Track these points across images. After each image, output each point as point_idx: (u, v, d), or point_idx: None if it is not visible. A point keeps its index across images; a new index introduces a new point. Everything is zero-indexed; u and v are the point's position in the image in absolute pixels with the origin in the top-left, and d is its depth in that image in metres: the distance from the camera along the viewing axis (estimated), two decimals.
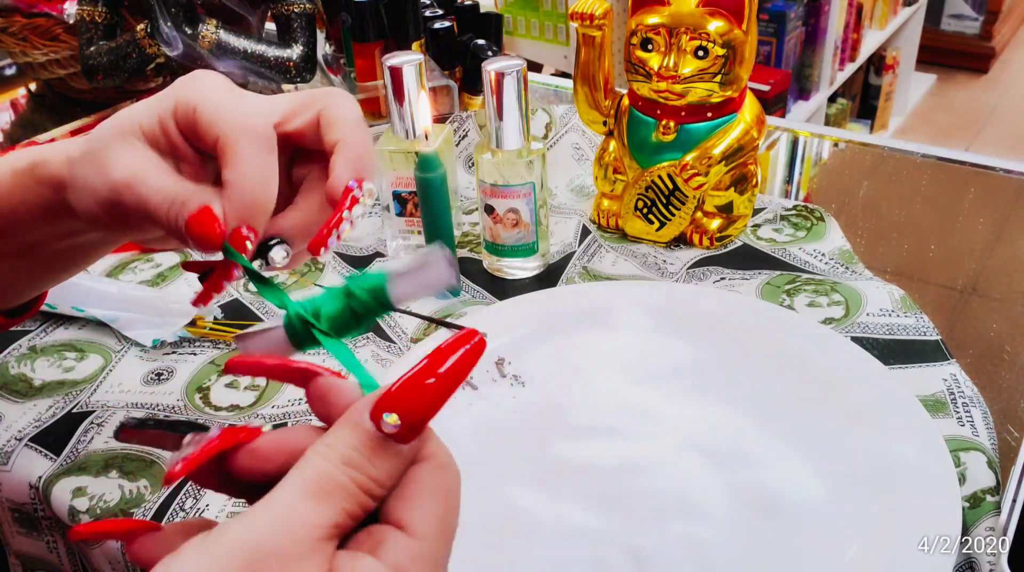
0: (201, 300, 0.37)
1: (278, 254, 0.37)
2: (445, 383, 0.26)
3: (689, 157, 0.66)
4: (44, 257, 0.45)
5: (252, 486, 0.29)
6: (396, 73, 0.66)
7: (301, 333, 0.33)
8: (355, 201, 0.36)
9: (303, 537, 0.25)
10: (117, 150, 0.37)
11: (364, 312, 0.32)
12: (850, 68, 2.36)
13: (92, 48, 0.82)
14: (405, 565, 0.26)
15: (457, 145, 0.81)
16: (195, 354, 0.62)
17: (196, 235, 0.35)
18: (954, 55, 3.19)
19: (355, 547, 0.27)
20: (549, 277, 0.69)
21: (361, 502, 0.26)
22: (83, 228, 0.42)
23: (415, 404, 0.26)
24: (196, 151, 0.38)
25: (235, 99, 0.37)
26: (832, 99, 2.44)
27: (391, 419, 0.25)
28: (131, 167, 0.37)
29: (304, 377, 0.29)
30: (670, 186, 0.68)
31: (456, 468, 0.29)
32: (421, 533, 0.27)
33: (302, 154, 0.41)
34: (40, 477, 0.53)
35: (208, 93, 0.37)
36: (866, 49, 2.43)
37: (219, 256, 0.36)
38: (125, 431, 0.32)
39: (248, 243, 0.35)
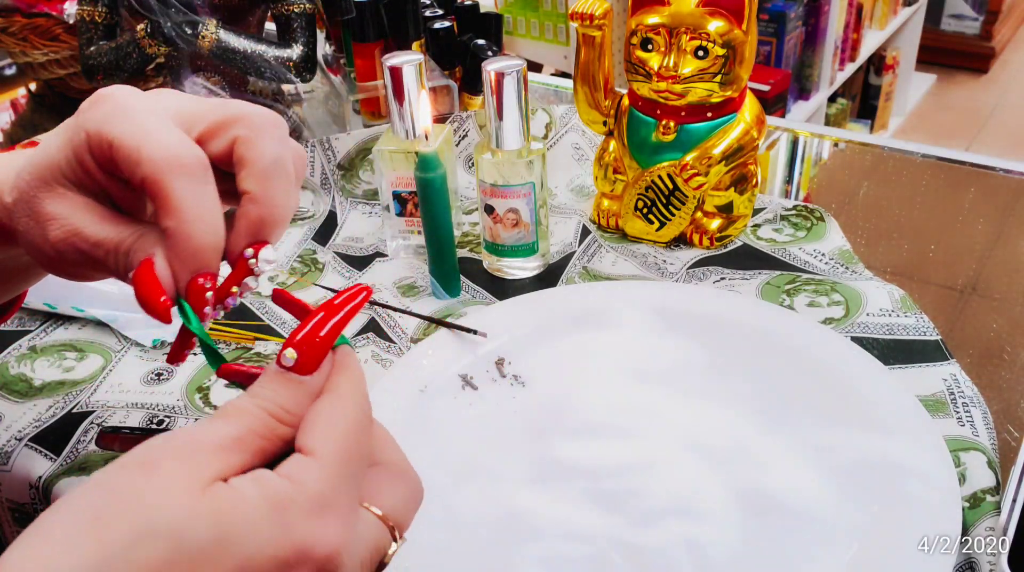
0: (172, 359, 0.35)
1: (266, 262, 0.34)
2: (333, 326, 0.31)
3: (689, 157, 0.66)
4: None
5: None
6: (396, 73, 0.66)
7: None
8: (248, 272, 0.34)
9: (198, 441, 0.28)
10: (48, 204, 0.34)
11: None
12: (850, 68, 2.36)
13: (92, 48, 0.82)
14: (299, 477, 0.28)
15: (457, 145, 0.81)
16: (195, 354, 0.62)
17: (143, 303, 0.32)
18: (954, 55, 3.19)
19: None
20: (549, 277, 0.69)
21: (267, 423, 0.30)
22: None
23: (309, 342, 0.31)
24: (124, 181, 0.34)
25: (152, 124, 0.33)
26: (832, 99, 2.44)
27: (290, 353, 0.31)
28: (67, 222, 0.34)
29: None
30: (670, 186, 0.68)
31: (363, 398, 0.32)
32: (320, 453, 0.29)
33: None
34: (40, 477, 0.53)
35: (119, 122, 0.33)
36: (866, 49, 2.43)
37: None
38: (105, 437, 0.34)
39: (208, 293, 0.33)
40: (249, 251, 0.34)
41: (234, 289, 0.34)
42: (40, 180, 0.34)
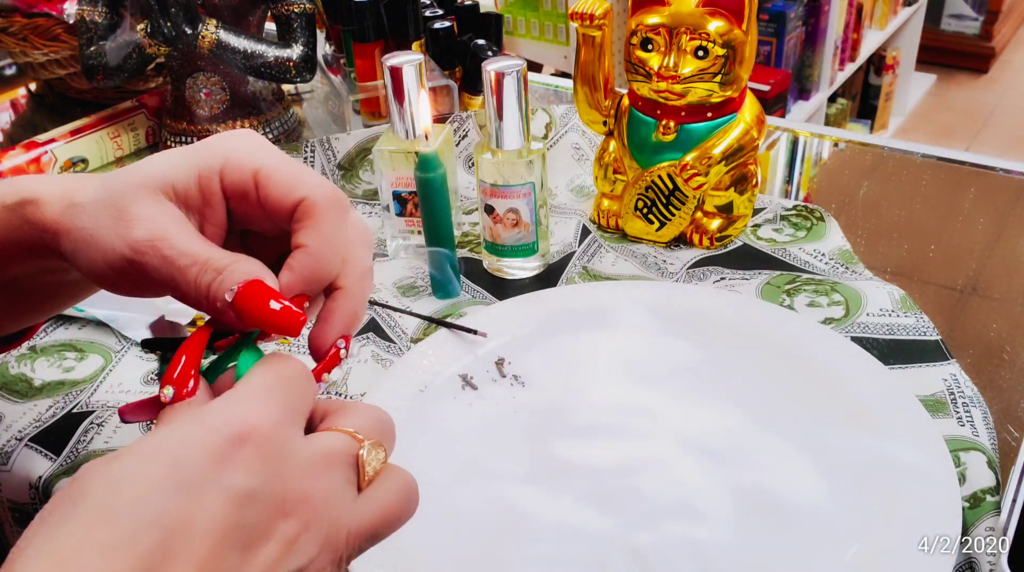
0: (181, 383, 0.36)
1: (351, 354, 0.38)
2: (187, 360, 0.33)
3: (689, 157, 0.66)
4: (28, 291, 0.42)
5: None
6: (396, 73, 0.66)
7: None
8: (337, 362, 0.36)
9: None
10: (142, 205, 0.34)
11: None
12: (850, 68, 2.36)
13: (92, 48, 0.82)
14: (237, 392, 0.31)
15: (457, 145, 0.81)
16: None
17: (248, 311, 0.33)
18: (954, 55, 3.19)
19: None
20: (549, 277, 0.69)
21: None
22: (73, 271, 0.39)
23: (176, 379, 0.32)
24: (227, 215, 0.36)
25: (298, 162, 0.36)
26: (832, 99, 2.44)
27: (168, 391, 0.32)
28: (158, 225, 0.34)
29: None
30: (670, 186, 0.68)
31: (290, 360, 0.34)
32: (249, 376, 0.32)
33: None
34: (40, 477, 0.53)
35: (267, 155, 0.35)
36: (866, 49, 2.43)
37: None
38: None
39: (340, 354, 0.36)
40: (341, 342, 0.36)
41: (324, 376, 0.36)
42: (142, 185, 0.35)
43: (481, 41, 0.89)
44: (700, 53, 0.63)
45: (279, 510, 0.29)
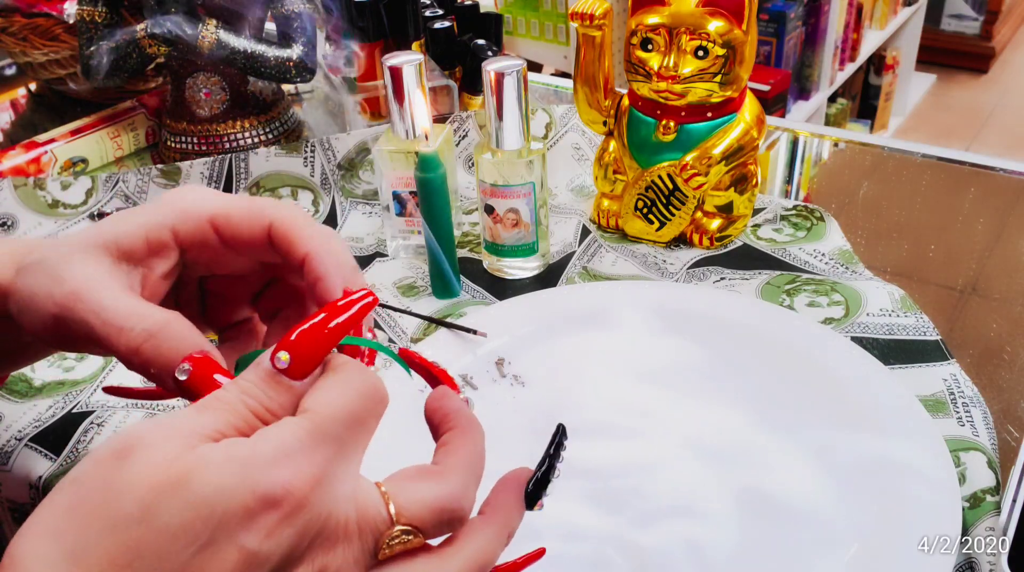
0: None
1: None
2: (332, 332, 0.31)
3: (689, 157, 0.66)
4: None
5: None
6: (396, 73, 0.66)
7: None
8: (363, 313, 0.32)
9: (176, 429, 0.28)
10: (75, 263, 0.34)
11: None
12: (850, 68, 2.36)
13: (92, 48, 0.82)
14: (266, 432, 0.29)
15: (457, 145, 0.81)
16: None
17: (194, 391, 0.32)
18: (954, 55, 3.19)
19: None
20: (549, 277, 0.69)
21: (248, 421, 0.30)
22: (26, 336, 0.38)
23: (304, 346, 0.30)
24: (181, 266, 0.37)
25: (247, 197, 0.37)
26: (832, 99, 2.44)
27: (283, 356, 0.30)
28: (81, 281, 0.34)
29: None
30: (670, 186, 0.68)
31: (373, 389, 0.32)
32: (308, 412, 0.30)
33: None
34: (40, 477, 0.53)
35: (219, 201, 0.36)
36: (866, 49, 2.43)
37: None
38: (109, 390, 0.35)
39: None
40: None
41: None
42: (83, 243, 0.35)
43: (481, 41, 0.89)
44: (700, 53, 0.63)
45: (288, 568, 0.29)
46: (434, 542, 0.32)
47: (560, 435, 0.35)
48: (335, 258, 0.35)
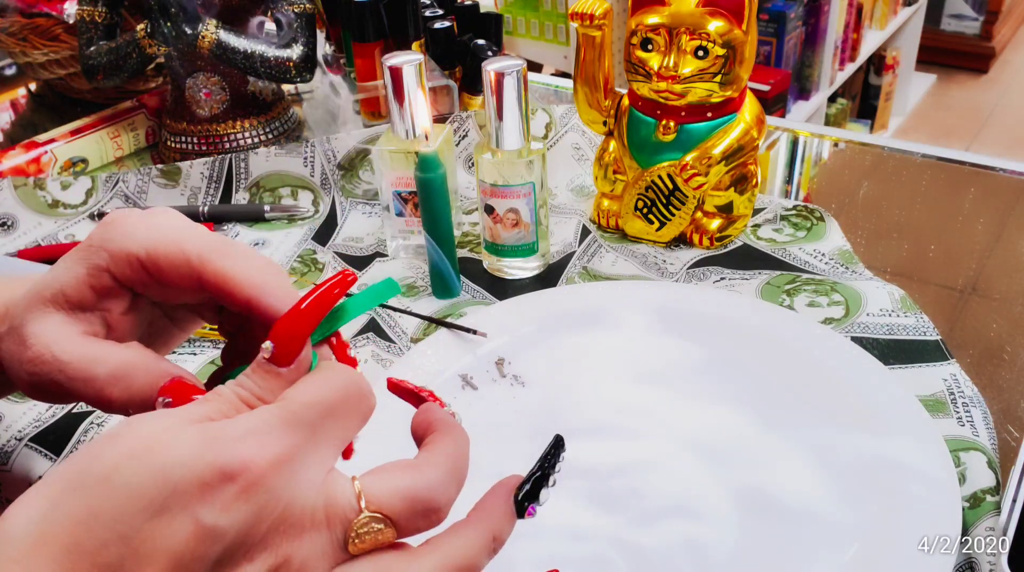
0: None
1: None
2: (308, 315, 0.32)
3: (689, 157, 0.66)
4: None
5: None
6: (396, 73, 0.66)
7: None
8: (343, 290, 0.33)
9: (168, 417, 0.29)
10: (33, 324, 0.35)
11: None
12: (850, 68, 2.36)
13: (92, 48, 0.82)
14: (240, 416, 0.30)
15: (457, 145, 0.81)
16: (195, 354, 0.62)
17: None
18: (954, 55, 3.19)
19: None
20: (549, 277, 0.69)
21: (237, 408, 0.31)
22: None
23: (284, 331, 0.31)
24: (132, 300, 0.36)
25: (232, 247, 0.35)
26: (832, 99, 2.44)
27: (267, 345, 0.31)
28: (41, 345, 0.34)
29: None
30: (670, 186, 0.68)
31: (356, 388, 0.32)
32: (280, 401, 0.30)
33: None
34: (40, 477, 0.53)
35: (143, 237, 0.35)
36: (866, 49, 2.43)
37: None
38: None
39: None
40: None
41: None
42: (36, 300, 0.35)
43: (481, 41, 0.89)
44: (700, 53, 0.63)
45: (246, 552, 0.28)
46: (414, 543, 0.32)
47: (556, 445, 0.35)
48: (281, 296, 0.35)
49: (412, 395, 0.37)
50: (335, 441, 0.31)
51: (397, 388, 0.37)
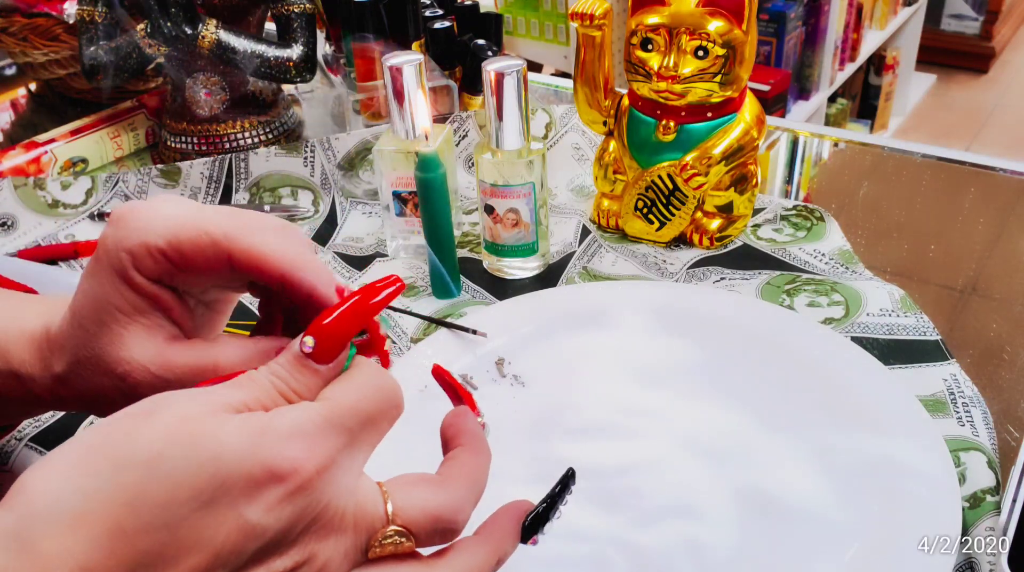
0: None
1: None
2: (355, 318, 0.32)
3: (689, 157, 0.66)
4: None
5: None
6: (396, 73, 0.66)
7: None
8: (389, 299, 0.33)
9: (203, 398, 0.29)
10: (115, 351, 0.35)
11: None
12: (850, 68, 2.36)
13: (92, 48, 0.82)
14: (285, 411, 0.30)
15: (457, 145, 0.81)
16: None
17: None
18: (954, 55, 3.19)
19: None
20: (549, 277, 0.69)
21: (274, 399, 0.31)
22: (32, 403, 0.39)
23: (329, 331, 0.32)
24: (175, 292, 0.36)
25: (253, 221, 0.35)
26: (832, 99, 2.44)
27: (309, 341, 0.31)
28: (141, 363, 0.35)
29: None
30: (670, 186, 0.68)
31: (391, 394, 0.33)
32: (325, 400, 0.31)
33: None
34: None
35: (163, 228, 0.34)
36: (866, 49, 2.43)
37: None
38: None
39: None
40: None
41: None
42: (92, 329, 0.35)
43: (481, 41, 0.89)
44: (700, 53, 0.63)
45: (280, 549, 0.29)
46: (424, 553, 0.32)
47: (568, 478, 0.35)
48: (314, 269, 0.35)
49: (452, 391, 0.37)
50: (369, 447, 0.32)
51: (441, 378, 0.38)
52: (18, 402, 0.39)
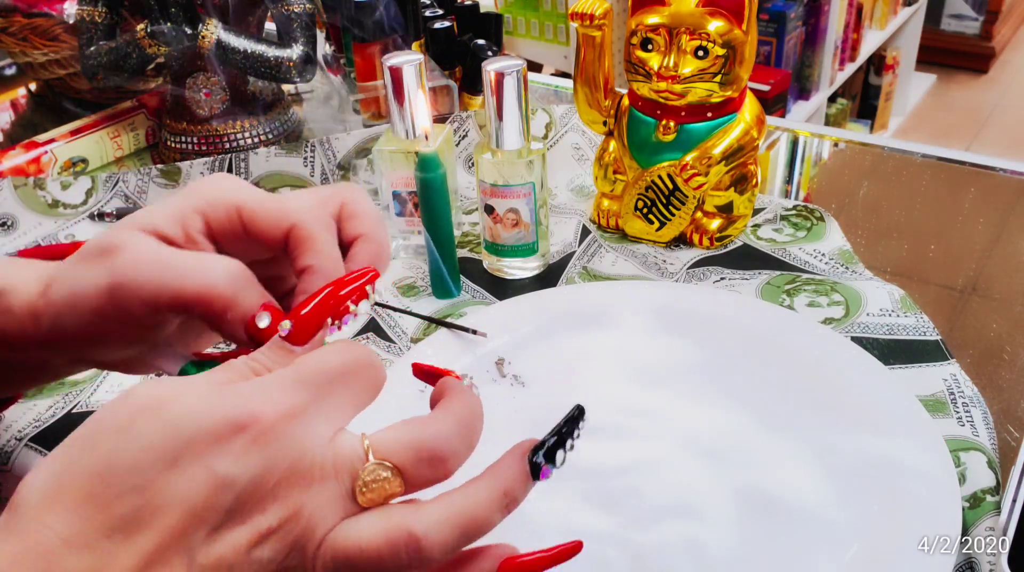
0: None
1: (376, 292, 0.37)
2: (325, 305, 0.34)
3: (689, 157, 0.66)
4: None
5: None
6: (396, 73, 0.66)
7: None
8: (364, 295, 0.35)
9: (183, 382, 0.30)
10: (125, 239, 0.36)
11: None
12: (850, 68, 2.36)
13: (92, 48, 0.82)
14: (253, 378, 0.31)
15: (457, 145, 0.81)
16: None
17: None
18: (954, 55, 3.19)
19: None
20: (549, 277, 0.69)
21: (247, 375, 0.32)
22: (49, 356, 0.40)
23: (303, 318, 0.34)
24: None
25: (278, 195, 0.39)
26: (832, 99, 2.44)
27: (286, 324, 0.33)
28: (142, 247, 0.36)
29: None
30: (670, 186, 0.68)
31: (360, 346, 0.34)
32: (292, 367, 0.32)
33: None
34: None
35: (248, 193, 0.38)
36: (866, 49, 2.43)
37: None
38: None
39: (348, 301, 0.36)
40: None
41: (351, 305, 0.36)
42: (125, 228, 0.37)
43: (481, 41, 0.89)
44: (700, 53, 0.63)
45: (257, 502, 0.29)
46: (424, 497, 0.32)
47: (577, 413, 0.35)
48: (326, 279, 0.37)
49: (434, 377, 0.38)
50: (344, 405, 0.32)
51: (421, 372, 0.39)
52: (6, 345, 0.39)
